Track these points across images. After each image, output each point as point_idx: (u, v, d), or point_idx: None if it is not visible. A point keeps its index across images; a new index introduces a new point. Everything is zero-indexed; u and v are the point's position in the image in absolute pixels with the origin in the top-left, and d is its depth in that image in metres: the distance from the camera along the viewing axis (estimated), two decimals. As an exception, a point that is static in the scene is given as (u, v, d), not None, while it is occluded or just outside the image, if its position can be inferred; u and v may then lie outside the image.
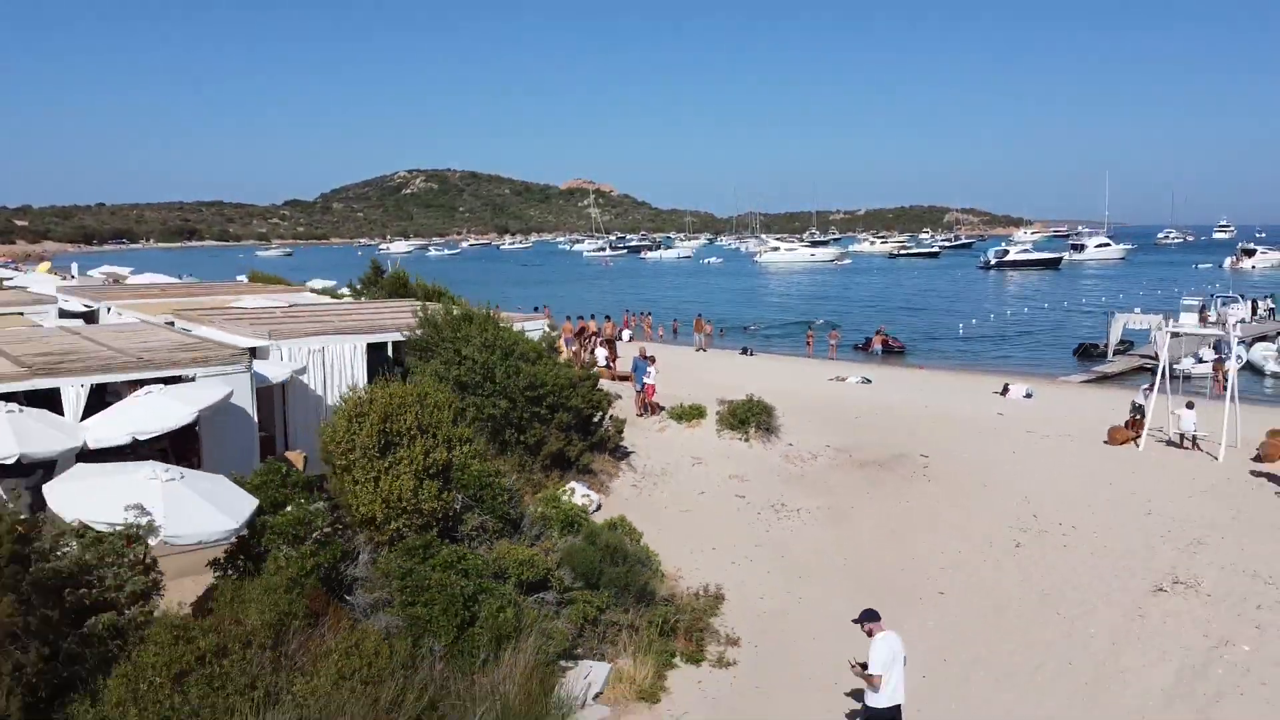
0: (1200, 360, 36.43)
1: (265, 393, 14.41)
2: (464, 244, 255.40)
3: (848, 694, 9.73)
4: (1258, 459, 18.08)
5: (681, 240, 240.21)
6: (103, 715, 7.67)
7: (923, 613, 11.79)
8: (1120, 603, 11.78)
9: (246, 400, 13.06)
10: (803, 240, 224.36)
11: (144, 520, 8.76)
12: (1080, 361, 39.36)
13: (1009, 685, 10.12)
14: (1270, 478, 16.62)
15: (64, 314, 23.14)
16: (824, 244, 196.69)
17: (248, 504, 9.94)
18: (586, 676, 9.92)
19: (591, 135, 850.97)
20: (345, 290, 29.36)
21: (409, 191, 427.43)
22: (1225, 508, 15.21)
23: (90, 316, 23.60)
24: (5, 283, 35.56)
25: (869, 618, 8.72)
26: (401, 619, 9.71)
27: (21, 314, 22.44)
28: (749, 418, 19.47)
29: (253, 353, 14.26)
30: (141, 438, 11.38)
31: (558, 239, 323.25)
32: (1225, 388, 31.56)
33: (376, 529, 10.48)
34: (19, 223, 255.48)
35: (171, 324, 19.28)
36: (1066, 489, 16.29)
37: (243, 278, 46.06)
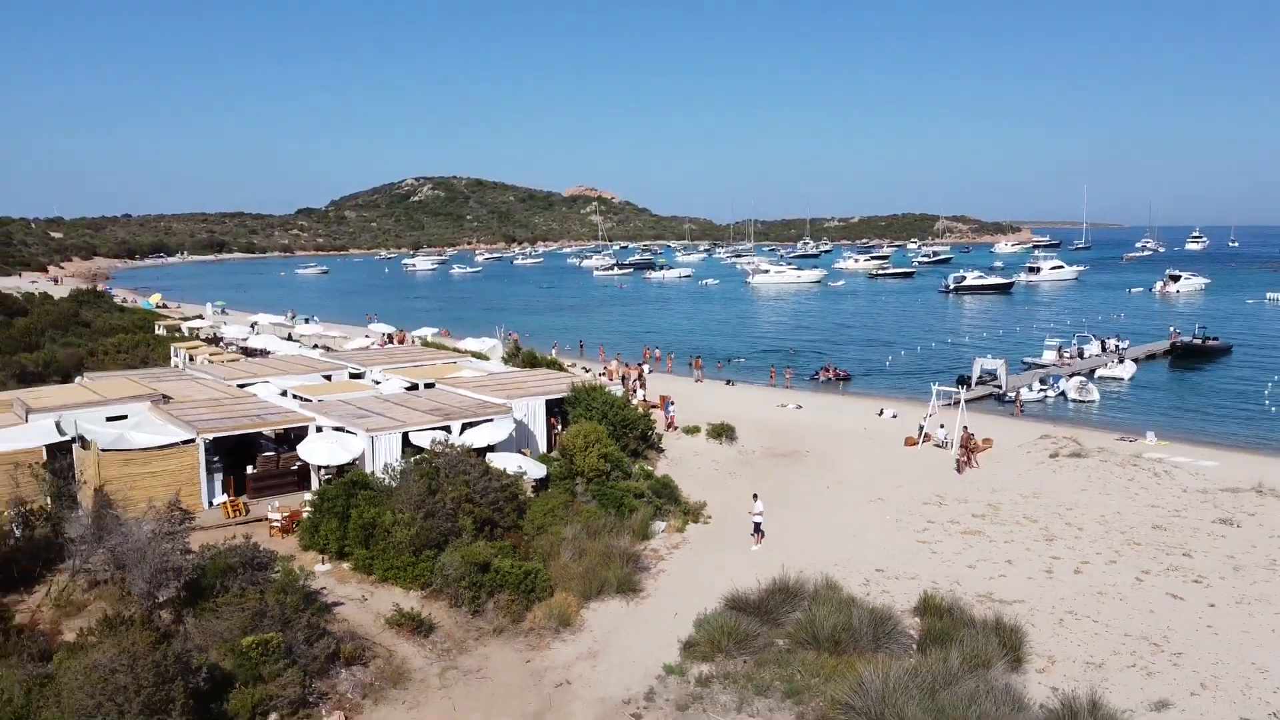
0: (1031, 389, 55.35)
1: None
2: (479, 257, 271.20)
3: (750, 532, 28.68)
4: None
5: (681, 253, 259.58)
6: (526, 523, 26.84)
7: (784, 512, 30.80)
8: (852, 504, 30.96)
9: (513, 430, 32.16)
10: (792, 251, 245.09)
11: (522, 470, 28.02)
12: (957, 389, 58.00)
13: (808, 532, 29.09)
14: (957, 459, 35.64)
15: (351, 375, 42.14)
16: (813, 257, 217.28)
17: (543, 466, 29.30)
18: (659, 524, 29.10)
19: (593, 143, 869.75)
20: (484, 347, 48.84)
21: (417, 199, 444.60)
22: (926, 471, 34.36)
23: (360, 375, 42.49)
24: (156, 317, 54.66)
25: (756, 495, 28.09)
26: (598, 504, 28.94)
27: (329, 378, 41.49)
28: (722, 432, 38.60)
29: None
30: (490, 443, 30.50)
31: (564, 248, 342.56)
32: (1022, 410, 50.82)
33: (584, 476, 29.65)
34: (54, 234, 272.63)
35: (432, 385, 38.39)
36: (864, 466, 35.45)
37: (380, 327, 65.13)
